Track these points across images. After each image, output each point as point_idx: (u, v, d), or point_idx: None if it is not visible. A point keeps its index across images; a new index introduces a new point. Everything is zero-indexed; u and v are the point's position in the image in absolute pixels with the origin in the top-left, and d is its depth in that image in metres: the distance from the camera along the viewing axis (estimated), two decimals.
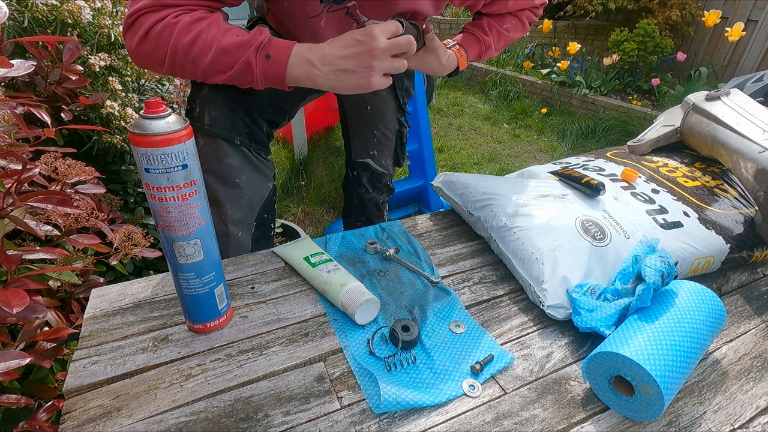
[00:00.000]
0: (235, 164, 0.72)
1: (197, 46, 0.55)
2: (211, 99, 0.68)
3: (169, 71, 0.58)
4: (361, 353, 0.51)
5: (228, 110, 0.69)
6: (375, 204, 1.05)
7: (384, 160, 1.01)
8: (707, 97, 0.81)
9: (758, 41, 2.91)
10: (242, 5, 0.79)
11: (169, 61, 0.56)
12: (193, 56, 0.55)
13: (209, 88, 0.68)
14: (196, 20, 0.55)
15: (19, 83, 0.72)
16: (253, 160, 0.75)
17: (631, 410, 0.45)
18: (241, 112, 0.70)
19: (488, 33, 0.80)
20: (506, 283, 0.64)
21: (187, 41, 0.55)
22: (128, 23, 0.56)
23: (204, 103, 0.68)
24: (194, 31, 0.54)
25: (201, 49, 0.55)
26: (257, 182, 0.76)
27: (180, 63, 0.56)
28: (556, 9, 3.85)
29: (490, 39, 0.80)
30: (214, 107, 0.68)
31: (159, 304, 0.57)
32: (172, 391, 0.46)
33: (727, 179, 0.80)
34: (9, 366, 0.42)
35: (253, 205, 0.77)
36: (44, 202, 0.53)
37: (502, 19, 0.81)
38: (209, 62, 0.56)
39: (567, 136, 2.75)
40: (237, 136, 0.71)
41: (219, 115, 0.68)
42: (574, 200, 0.67)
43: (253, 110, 0.72)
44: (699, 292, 0.52)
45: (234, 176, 0.72)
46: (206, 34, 0.55)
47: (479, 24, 0.81)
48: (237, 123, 0.70)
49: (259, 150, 0.76)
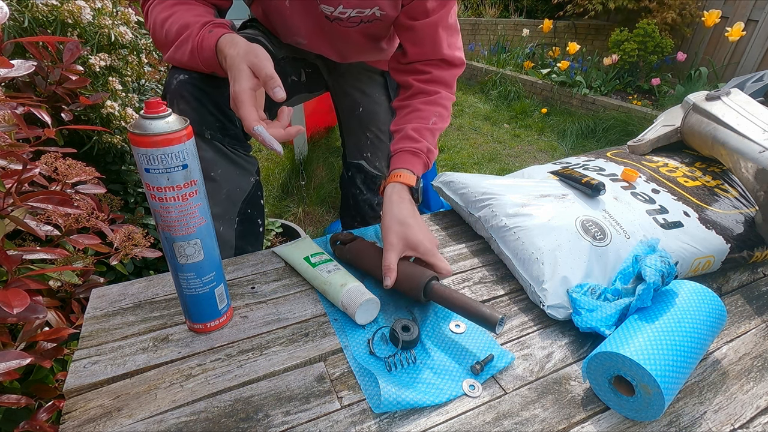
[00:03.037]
0: (208, 157, 0.71)
1: (168, 23, 0.63)
2: (179, 93, 0.67)
3: (156, 45, 0.67)
4: (361, 353, 0.51)
5: (196, 103, 0.68)
6: (369, 205, 1.05)
7: (378, 162, 1.01)
8: (707, 97, 0.81)
9: (758, 41, 2.91)
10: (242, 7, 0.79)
11: (152, 35, 0.66)
12: (165, 30, 0.63)
13: (177, 83, 0.67)
14: (179, 2, 0.64)
15: (19, 83, 0.72)
16: (228, 155, 0.74)
17: (631, 410, 0.45)
18: (210, 105, 0.69)
19: (419, 139, 0.71)
20: (506, 283, 0.64)
21: (164, 16, 0.63)
22: (143, 8, 0.67)
23: (173, 98, 0.67)
24: (172, 9, 0.64)
25: (171, 23, 0.63)
26: (236, 176, 0.75)
27: (158, 38, 0.65)
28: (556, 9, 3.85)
29: (425, 143, 0.71)
30: (182, 101, 0.67)
31: (159, 304, 0.57)
32: (172, 391, 0.46)
33: (727, 179, 0.80)
34: (9, 366, 0.42)
35: (234, 199, 0.76)
36: (45, 203, 0.53)
37: (424, 114, 0.73)
38: (173, 33, 0.63)
39: (567, 136, 2.75)
40: (207, 130, 0.70)
41: (187, 108, 0.68)
42: (574, 200, 0.67)
43: (223, 104, 0.70)
44: (699, 292, 0.52)
45: (209, 170, 0.71)
46: (181, 13, 0.63)
47: (405, 135, 0.72)
48: (206, 116, 0.69)
49: (234, 144, 0.74)
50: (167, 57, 0.66)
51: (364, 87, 0.94)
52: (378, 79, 0.96)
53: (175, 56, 0.64)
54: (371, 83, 0.94)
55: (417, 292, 0.56)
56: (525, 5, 4.56)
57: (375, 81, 0.95)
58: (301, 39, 0.77)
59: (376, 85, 0.95)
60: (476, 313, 0.50)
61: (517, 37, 4.17)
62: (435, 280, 0.56)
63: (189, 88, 0.67)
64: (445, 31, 0.73)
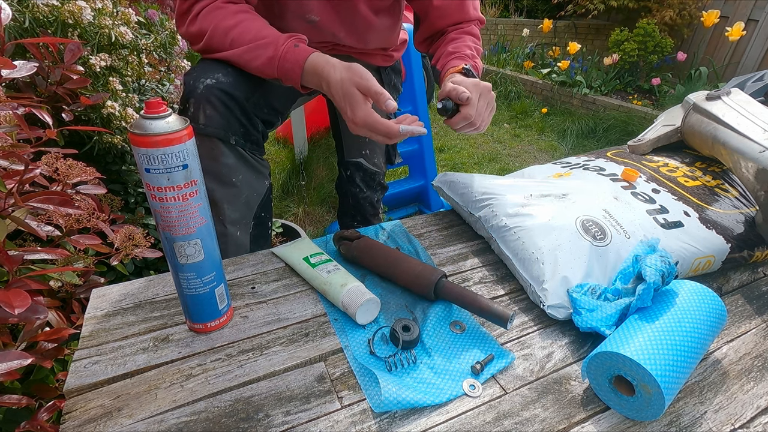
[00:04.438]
0: (231, 164, 0.71)
1: (237, 30, 0.65)
2: (206, 98, 0.67)
3: (205, 47, 0.68)
4: (361, 353, 0.51)
5: (224, 109, 0.68)
6: (370, 203, 1.05)
7: (376, 159, 1.01)
8: (708, 97, 0.81)
9: (759, 41, 2.91)
10: None
11: (208, 38, 0.66)
12: (232, 38, 0.65)
13: (204, 87, 0.67)
14: (242, 11, 0.66)
15: (19, 83, 0.72)
16: (248, 160, 0.74)
17: (631, 410, 0.45)
18: (237, 111, 0.70)
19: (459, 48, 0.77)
20: (506, 283, 0.64)
21: (229, 24, 0.65)
22: (183, 9, 0.67)
23: (199, 102, 0.67)
24: (237, 18, 0.65)
25: (241, 32, 0.65)
26: (254, 181, 0.76)
27: (218, 42, 0.66)
28: (557, 9, 3.85)
29: (467, 51, 0.78)
30: (210, 106, 0.67)
31: (159, 304, 0.57)
32: (172, 391, 0.46)
33: (727, 179, 0.80)
34: (10, 366, 0.42)
35: (251, 204, 0.77)
36: (45, 203, 0.53)
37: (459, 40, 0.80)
38: (247, 41, 0.64)
39: (567, 136, 2.75)
40: (233, 136, 0.70)
41: (214, 114, 0.68)
42: (574, 200, 0.67)
43: (249, 110, 0.71)
44: (699, 292, 0.52)
45: (231, 176, 0.72)
46: (249, 24, 0.65)
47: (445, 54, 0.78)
48: (233, 122, 0.70)
49: (254, 150, 0.75)
50: (225, 56, 0.67)
51: None
52: (374, 76, 0.96)
53: (242, 57, 0.66)
54: None
55: (427, 290, 0.57)
56: (525, 5, 4.56)
57: None
58: (313, 16, 0.76)
59: None
60: (488, 310, 0.52)
61: (517, 37, 4.17)
62: (444, 278, 0.58)
63: (217, 93, 0.67)
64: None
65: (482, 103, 0.66)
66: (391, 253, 0.62)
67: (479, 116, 0.66)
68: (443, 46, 0.80)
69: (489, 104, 0.67)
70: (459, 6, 0.80)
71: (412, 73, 1.67)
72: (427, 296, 0.58)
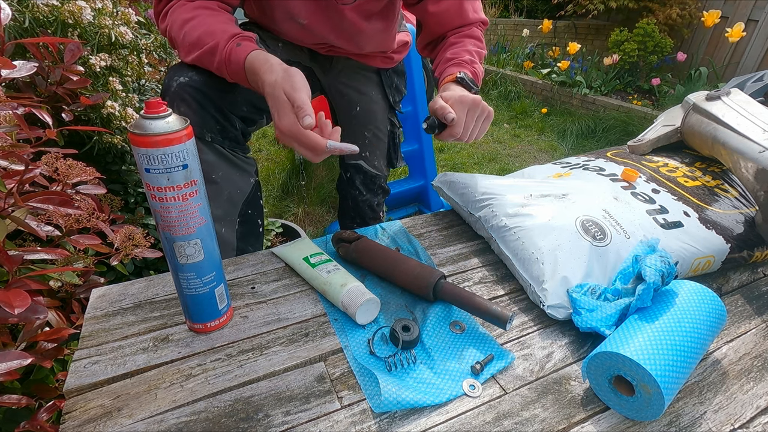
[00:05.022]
0: (210, 160, 0.71)
1: (190, 24, 0.63)
2: (180, 95, 0.67)
3: (171, 43, 0.67)
4: (361, 353, 0.51)
5: (197, 106, 0.68)
6: (369, 206, 1.04)
7: (377, 162, 1.00)
8: (707, 97, 0.81)
9: (758, 41, 2.91)
10: None
11: (169, 33, 0.66)
12: (184, 31, 0.63)
13: (177, 86, 0.66)
14: (203, 6, 0.65)
15: (19, 83, 0.72)
16: (228, 157, 0.74)
17: (631, 410, 0.45)
18: (211, 108, 0.69)
19: (457, 54, 0.75)
20: (506, 283, 0.64)
21: (185, 17, 0.63)
22: (158, 10, 0.67)
23: (172, 100, 0.67)
24: (194, 13, 0.63)
25: (193, 27, 0.63)
26: (236, 178, 0.76)
27: (174, 35, 0.65)
28: (557, 9, 3.85)
29: (466, 57, 0.75)
30: (183, 104, 0.67)
31: (159, 304, 0.57)
32: (172, 391, 0.46)
33: (727, 179, 0.80)
34: (10, 366, 0.42)
35: (234, 201, 0.76)
36: (45, 203, 0.53)
37: (459, 44, 0.78)
38: (195, 38, 0.63)
39: (567, 136, 2.75)
40: (207, 133, 0.70)
41: (188, 112, 0.67)
42: (574, 200, 0.67)
43: (224, 107, 0.71)
44: (699, 292, 0.52)
45: (210, 172, 0.71)
46: (203, 19, 0.63)
47: (444, 60, 0.76)
48: (207, 120, 0.69)
49: (234, 147, 0.75)
50: (190, 60, 0.65)
51: (360, 86, 0.93)
52: (373, 78, 0.95)
53: (201, 62, 0.65)
54: (367, 82, 0.94)
55: (426, 291, 0.57)
56: (525, 5, 4.56)
57: (370, 80, 0.95)
58: (301, 19, 0.76)
59: (371, 84, 0.95)
60: (487, 311, 0.52)
61: (517, 37, 4.17)
62: (443, 279, 0.58)
63: (190, 91, 0.67)
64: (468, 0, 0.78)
65: (470, 119, 0.64)
66: (390, 254, 0.62)
67: (466, 132, 0.65)
68: (442, 52, 0.78)
69: (480, 117, 0.65)
70: (457, 10, 0.79)
71: (412, 73, 1.67)
72: (426, 297, 0.58)
